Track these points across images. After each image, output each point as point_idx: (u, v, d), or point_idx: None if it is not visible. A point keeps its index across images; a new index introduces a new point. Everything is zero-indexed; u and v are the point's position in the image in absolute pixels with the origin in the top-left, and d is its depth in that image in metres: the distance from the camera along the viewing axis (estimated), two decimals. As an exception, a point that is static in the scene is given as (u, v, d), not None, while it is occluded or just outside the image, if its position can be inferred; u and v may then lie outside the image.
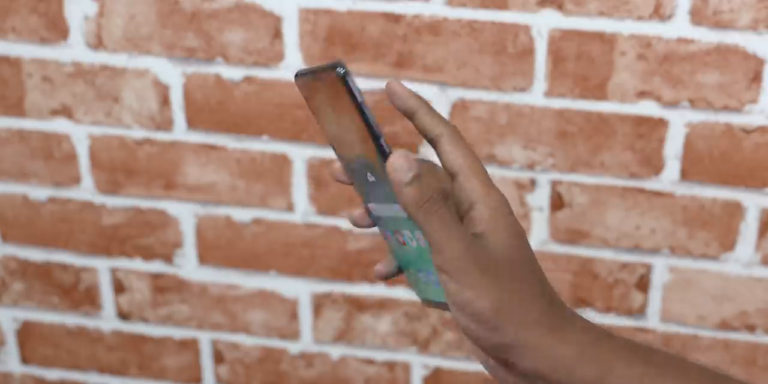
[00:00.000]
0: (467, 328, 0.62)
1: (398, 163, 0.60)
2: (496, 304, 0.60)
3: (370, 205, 0.68)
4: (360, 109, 0.62)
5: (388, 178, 0.62)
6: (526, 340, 0.61)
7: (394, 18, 1.36)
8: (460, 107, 1.40)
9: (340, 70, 0.61)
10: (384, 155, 0.62)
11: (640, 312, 1.48)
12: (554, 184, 1.42)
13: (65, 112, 1.49)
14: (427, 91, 1.39)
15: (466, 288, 0.60)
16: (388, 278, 0.69)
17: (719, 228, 1.41)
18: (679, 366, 0.62)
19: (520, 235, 0.62)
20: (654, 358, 0.62)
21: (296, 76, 0.67)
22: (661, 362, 0.62)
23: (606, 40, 1.33)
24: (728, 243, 1.42)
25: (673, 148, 1.38)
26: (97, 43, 1.44)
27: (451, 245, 0.60)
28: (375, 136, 0.62)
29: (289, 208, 1.50)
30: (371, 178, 0.66)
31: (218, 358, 1.63)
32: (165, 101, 1.46)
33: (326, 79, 0.63)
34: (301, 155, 1.46)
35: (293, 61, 1.41)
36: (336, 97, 0.63)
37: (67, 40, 1.44)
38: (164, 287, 1.59)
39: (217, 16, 1.39)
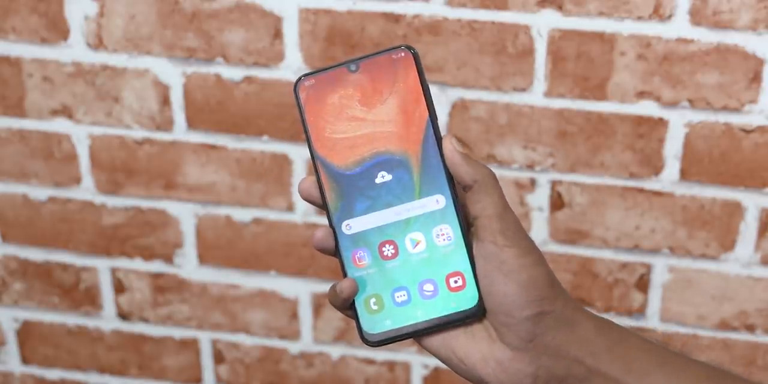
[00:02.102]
0: (509, 298, 0.63)
1: (455, 139, 0.65)
2: (549, 273, 0.63)
3: (346, 223, 0.68)
4: (426, 88, 0.64)
5: (433, 161, 0.65)
6: (565, 311, 0.63)
7: (394, 18, 1.36)
8: (460, 107, 1.40)
9: (411, 50, 0.64)
10: (439, 138, 0.65)
11: (640, 312, 1.48)
12: (554, 184, 1.42)
13: (65, 112, 1.49)
14: (427, 91, 1.39)
15: (527, 254, 0.63)
16: (325, 251, 0.69)
17: (719, 228, 1.41)
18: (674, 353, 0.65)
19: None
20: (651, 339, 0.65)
21: (302, 77, 0.66)
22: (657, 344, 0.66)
23: (606, 40, 1.33)
24: (728, 243, 1.42)
25: (672, 148, 1.38)
26: (98, 43, 1.44)
27: (510, 212, 0.64)
28: (434, 118, 0.64)
29: (289, 208, 1.50)
30: (384, 178, 0.66)
31: (218, 358, 1.63)
32: (165, 101, 1.46)
33: (374, 67, 0.64)
34: (301, 155, 1.46)
35: (293, 61, 1.41)
36: (375, 87, 0.64)
37: (67, 40, 1.45)
38: (164, 287, 1.59)
39: (217, 16, 1.40)
